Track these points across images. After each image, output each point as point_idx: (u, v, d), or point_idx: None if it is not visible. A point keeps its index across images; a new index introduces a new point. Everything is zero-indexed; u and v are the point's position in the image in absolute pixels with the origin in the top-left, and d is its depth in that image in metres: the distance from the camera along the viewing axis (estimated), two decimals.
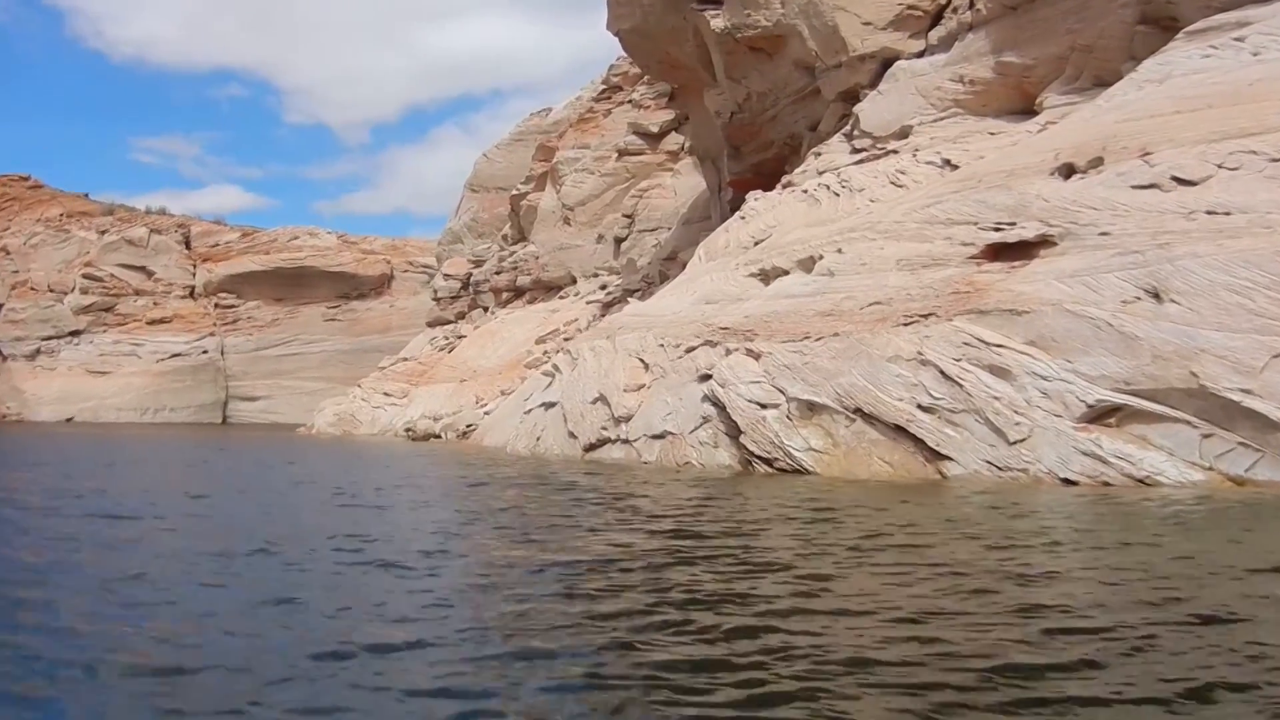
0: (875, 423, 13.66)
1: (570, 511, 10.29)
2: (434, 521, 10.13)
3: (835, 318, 15.29)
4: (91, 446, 28.54)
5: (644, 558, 7.17)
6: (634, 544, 7.85)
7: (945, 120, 20.56)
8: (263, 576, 6.58)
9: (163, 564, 7.02)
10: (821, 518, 9.36)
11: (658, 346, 18.25)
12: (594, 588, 6.01)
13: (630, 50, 32.12)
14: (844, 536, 8.11)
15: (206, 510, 11.63)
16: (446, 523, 10.06)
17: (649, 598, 5.68)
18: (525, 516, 10.07)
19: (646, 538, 8.23)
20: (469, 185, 59.72)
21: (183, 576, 6.55)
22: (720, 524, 9.02)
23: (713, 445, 15.30)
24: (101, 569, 6.76)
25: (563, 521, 9.50)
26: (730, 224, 22.08)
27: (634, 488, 12.81)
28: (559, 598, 5.81)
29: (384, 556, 7.24)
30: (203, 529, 9.56)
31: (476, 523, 9.98)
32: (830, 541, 7.88)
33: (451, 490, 14.69)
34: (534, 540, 8.23)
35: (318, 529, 9.14)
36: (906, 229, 16.16)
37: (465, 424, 31.28)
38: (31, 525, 9.59)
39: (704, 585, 6.06)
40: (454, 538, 8.80)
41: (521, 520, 9.81)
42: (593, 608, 5.46)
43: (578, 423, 18.76)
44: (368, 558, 7.22)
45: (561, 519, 9.72)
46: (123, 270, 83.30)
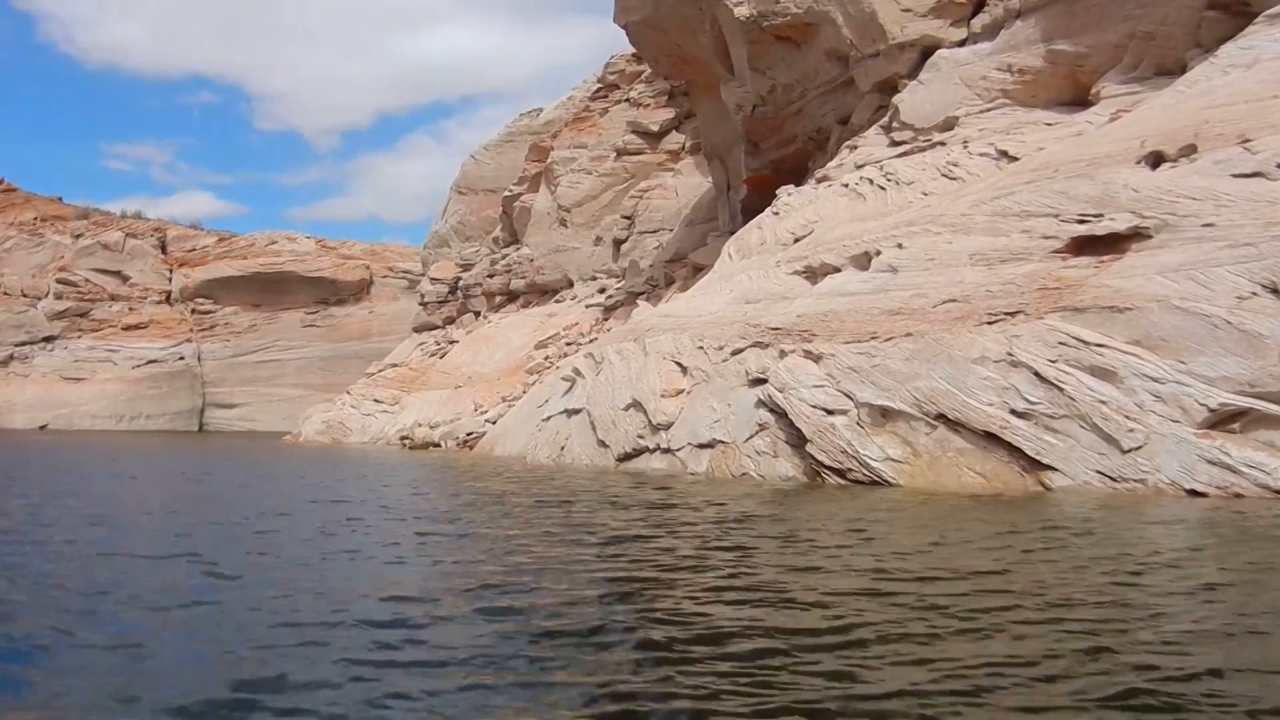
0: (961, 430, 12.49)
1: (742, 545, 7.92)
2: (587, 576, 6.63)
3: (905, 316, 14.12)
4: (67, 458, 27.03)
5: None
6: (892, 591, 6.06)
7: (993, 111, 19.45)
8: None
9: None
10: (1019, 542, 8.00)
11: (696, 349, 17.03)
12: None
13: (638, 43, 30.93)
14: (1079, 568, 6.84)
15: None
16: (603, 569, 7.00)
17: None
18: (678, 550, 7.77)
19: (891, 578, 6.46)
20: (455, 187, 58.27)
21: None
22: (926, 558, 7.29)
23: (772, 455, 14.08)
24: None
25: (775, 564, 7.16)
26: (763, 220, 20.88)
27: (748, 505, 11.22)
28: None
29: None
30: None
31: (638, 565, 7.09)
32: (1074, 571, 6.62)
33: (536, 517, 10.38)
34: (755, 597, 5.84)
35: (459, 574, 6.79)
36: (976, 222, 15.01)
37: (466, 432, 29.96)
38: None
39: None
40: (628, 596, 6.08)
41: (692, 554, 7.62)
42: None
43: (609, 431, 17.52)
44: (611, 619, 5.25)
45: (755, 560, 7.30)
46: (98, 275, 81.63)
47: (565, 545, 8.06)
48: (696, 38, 27.38)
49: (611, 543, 8.12)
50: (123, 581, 6.40)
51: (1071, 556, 7.21)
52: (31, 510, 11.85)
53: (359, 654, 4.48)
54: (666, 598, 5.76)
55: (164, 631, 5.10)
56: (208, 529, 9.73)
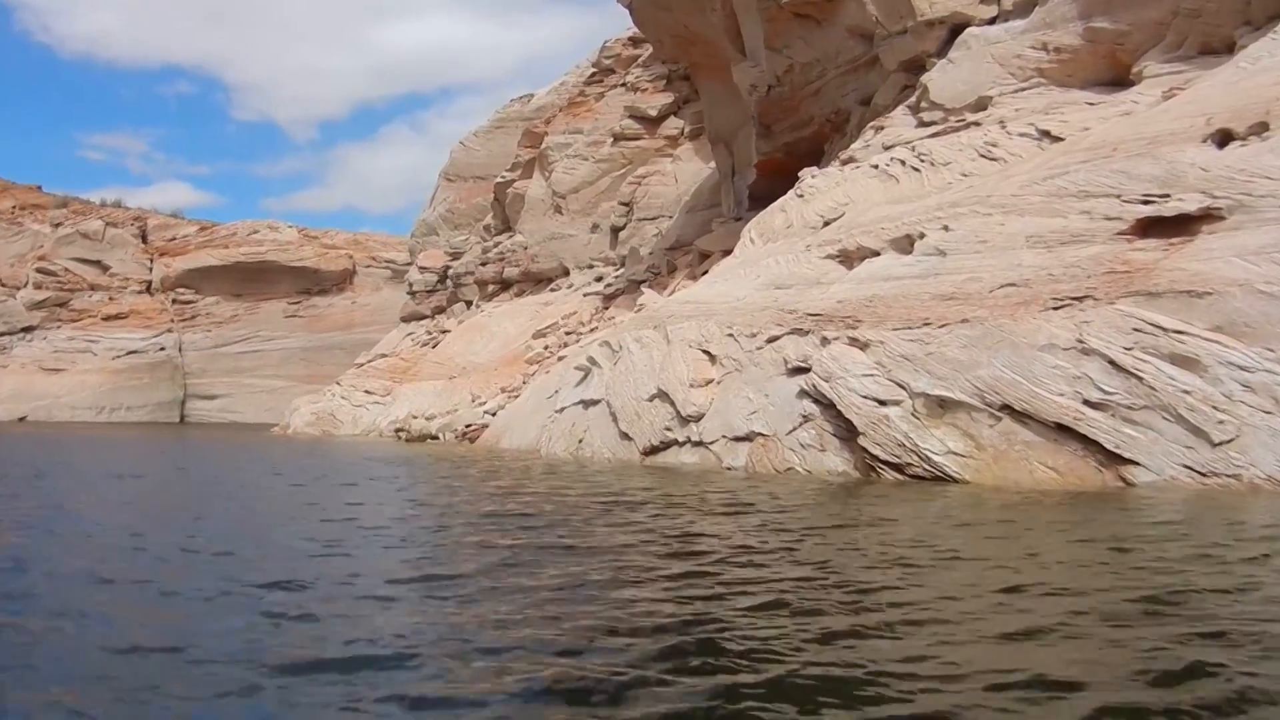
0: (1028, 421, 11.71)
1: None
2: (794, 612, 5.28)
3: (959, 301, 13.33)
4: (51, 454, 26.02)
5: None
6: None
7: (1028, 91, 18.67)
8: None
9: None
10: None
11: (725, 336, 16.22)
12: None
13: (642, 23, 30.08)
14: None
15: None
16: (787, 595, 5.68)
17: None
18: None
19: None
20: (444, 175, 57.20)
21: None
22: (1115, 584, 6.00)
23: (819, 448, 13.28)
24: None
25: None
26: (787, 204, 20.04)
27: (835, 507, 10.37)
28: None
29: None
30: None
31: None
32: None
33: (628, 524, 8.88)
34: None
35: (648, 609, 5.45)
36: (1029, 203, 14.22)
37: (465, 424, 29.03)
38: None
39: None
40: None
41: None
42: None
43: (632, 423, 16.68)
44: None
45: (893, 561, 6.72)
46: (77, 264, 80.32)
47: (687, 559, 6.99)
48: (705, 17, 26.53)
49: (740, 559, 6.91)
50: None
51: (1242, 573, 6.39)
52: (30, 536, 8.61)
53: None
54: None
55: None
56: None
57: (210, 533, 8.88)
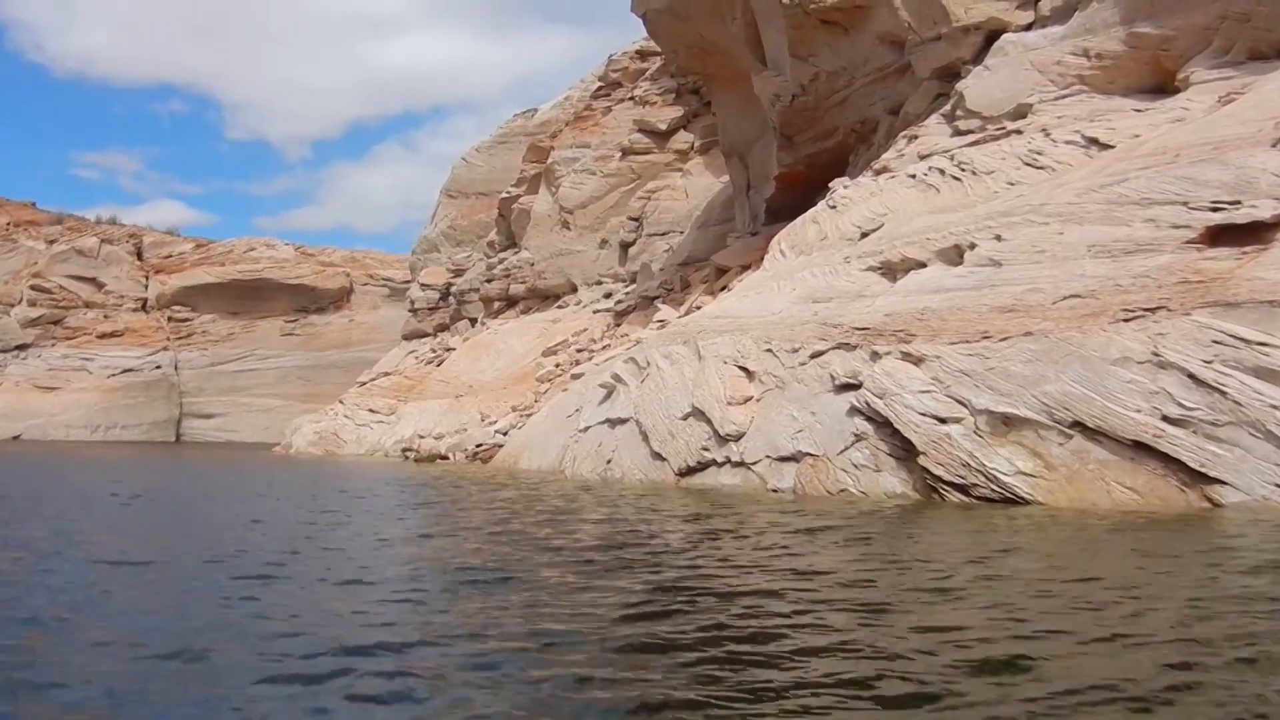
0: (1102, 439, 11.05)
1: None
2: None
3: (1020, 314, 12.70)
4: (52, 474, 25.24)
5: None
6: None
7: (1069, 98, 18.06)
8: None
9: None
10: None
11: (763, 352, 15.56)
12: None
13: (656, 33, 29.51)
14: None
15: None
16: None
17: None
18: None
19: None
20: (445, 191, 56.60)
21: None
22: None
23: (873, 468, 12.62)
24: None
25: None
26: (818, 215, 19.42)
27: (964, 534, 9.59)
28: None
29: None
30: None
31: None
32: None
33: (723, 555, 8.24)
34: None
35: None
36: (1088, 211, 13.61)
37: (475, 444, 28.33)
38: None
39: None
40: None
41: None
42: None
43: (665, 442, 16.00)
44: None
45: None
46: (72, 282, 79.46)
47: (819, 589, 6.27)
48: (724, 25, 25.96)
49: (921, 601, 6.09)
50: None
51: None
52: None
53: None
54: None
55: None
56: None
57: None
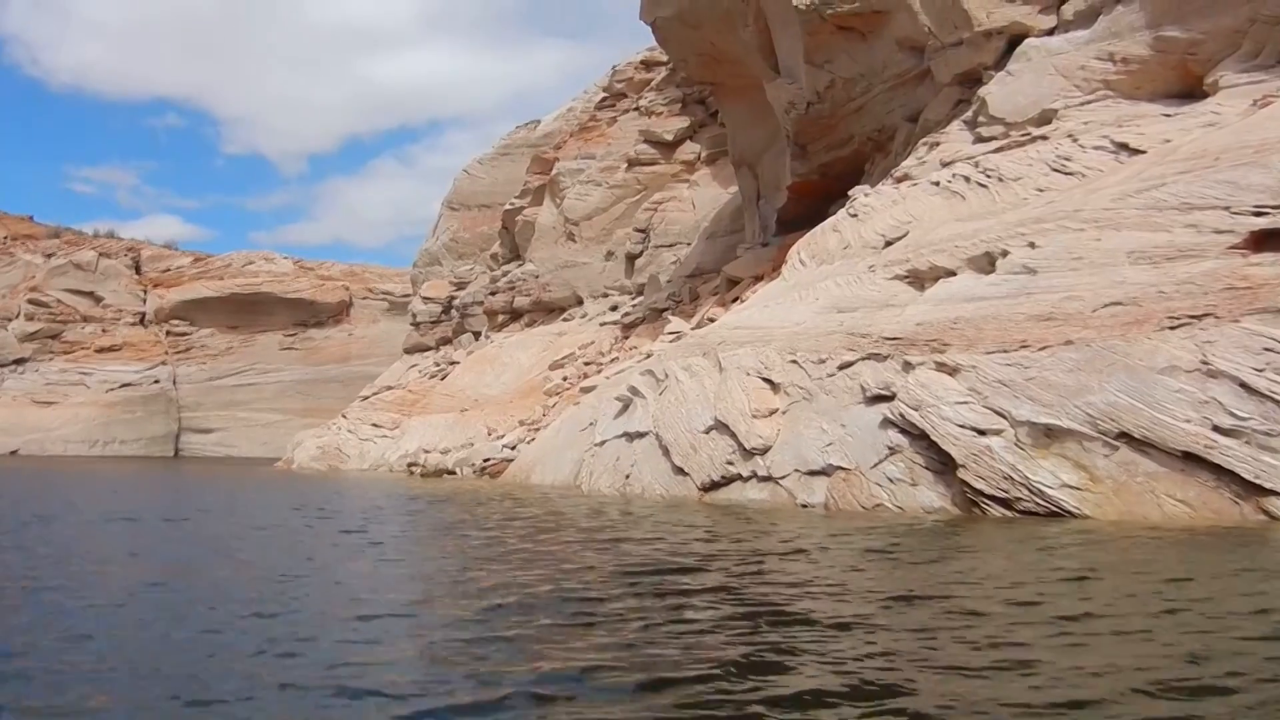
0: (1150, 450, 10.65)
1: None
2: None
3: (1059, 322, 12.30)
4: (63, 490, 24.72)
5: None
6: None
7: (1095, 103, 17.71)
8: None
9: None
10: None
11: (788, 363, 15.16)
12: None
13: (666, 41, 29.14)
14: None
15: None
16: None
17: None
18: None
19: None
20: (447, 203, 56.16)
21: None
22: None
23: (909, 482, 12.20)
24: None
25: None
26: (839, 224, 19.03)
27: (1033, 549, 9.01)
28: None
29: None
30: None
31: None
32: None
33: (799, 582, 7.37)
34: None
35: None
36: (1125, 216, 13.23)
37: (483, 458, 27.87)
38: None
39: None
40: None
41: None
42: None
43: (687, 457, 15.57)
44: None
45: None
46: (70, 296, 79.00)
47: (935, 620, 5.77)
48: (735, 33, 25.60)
49: (1064, 631, 5.47)
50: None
51: None
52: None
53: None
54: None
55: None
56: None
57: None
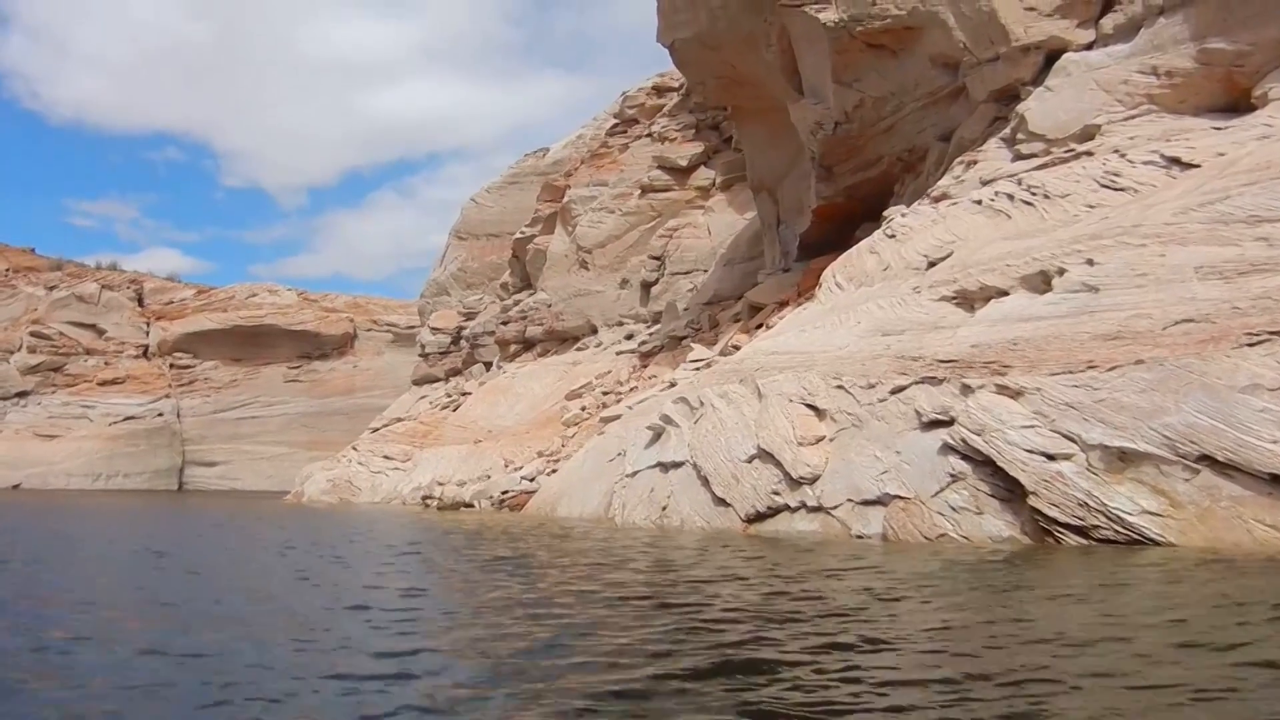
0: (1234, 474, 10.06)
1: None
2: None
3: (1128, 341, 11.74)
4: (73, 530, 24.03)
5: None
6: None
7: (1138, 118, 17.22)
8: None
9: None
10: None
11: (834, 389, 14.58)
12: None
13: (684, 64, 28.68)
14: None
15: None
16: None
17: None
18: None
19: None
20: (455, 233, 55.73)
21: None
22: None
23: (974, 511, 11.61)
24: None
25: None
26: (875, 245, 18.49)
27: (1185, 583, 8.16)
28: None
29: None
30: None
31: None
32: None
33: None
34: None
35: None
36: (1189, 231, 12.70)
37: (501, 490, 27.25)
38: None
39: None
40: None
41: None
42: None
43: (729, 487, 14.98)
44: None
45: None
46: (72, 328, 78.65)
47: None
48: (757, 54, 25.14)
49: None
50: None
51: None
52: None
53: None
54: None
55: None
56: None
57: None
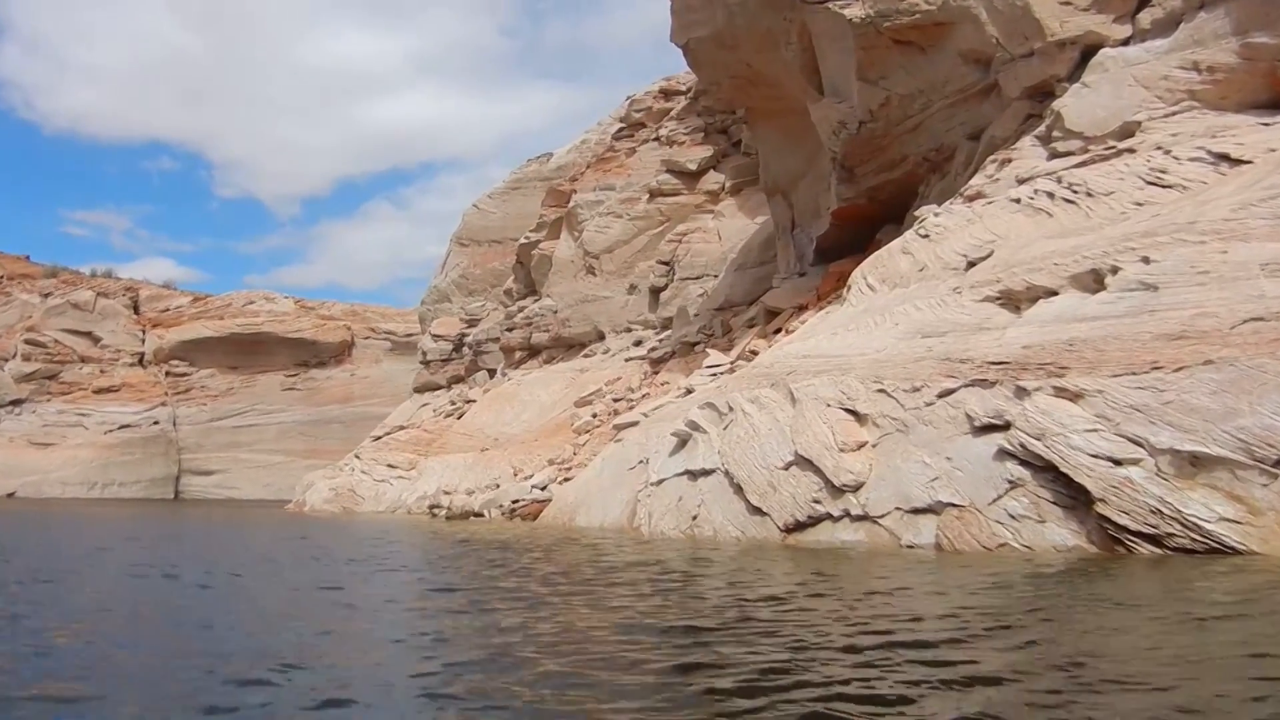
0: None
1: None
2: None
3: (1194, 341, 11.21)
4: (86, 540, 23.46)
5: None
6: None
7: (1180, 115, 16.71)
8: None
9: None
10: None
11: (875, 392, 14.04)
12: None
13: (699, 64, 28.13)
14: None
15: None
16: None
17: None
18: None
19: None
20: (456, 239, 55.15)
21: None
22: None
23: (1035, 519, 11.07)
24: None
25: None
26: (908, 245, 17.94)
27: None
28: None
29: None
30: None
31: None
32: None
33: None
34: None
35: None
36: (1251, 227, 12.19)
37: (511, 499, 26.64)
38: None
39: None
40: None
41: None
42: None
43: (765, 495, 14.41)
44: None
45: None
46: (67, 336, 77.85)
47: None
48: (776, 52, 24.60)
49: None
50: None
51: None
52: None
53: None
54: None
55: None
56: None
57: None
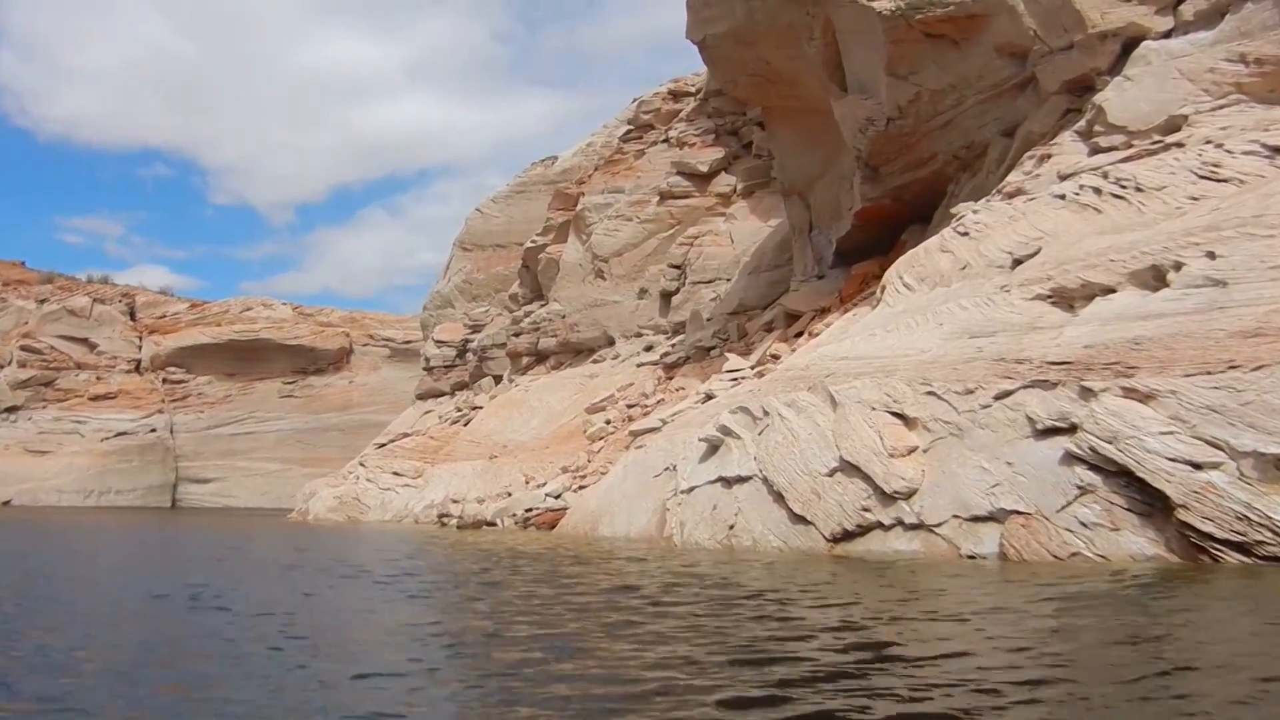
0: None
1: None
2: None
3: (1271, 338, 10.66)
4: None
5: None
6: None
7: (1227, 108, 16.17)
8: None
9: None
10: None
11: (924, 395, 13.47)
12: None
13: (715, 61, 27.55)
14: None
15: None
16: None
17: None
18: None
19: None
20: (459, 244, 54.48)
21: None
22: None
23: (1109, 526, 10.50)
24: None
25: None
26: (948, 243, 17.34)
27: None
28: None
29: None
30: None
31: None
32: None
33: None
34: None
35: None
36: None
37: (524, 508, 26.01)
38: None
39: None
40: None
41: None
42: None
43: (809, 503, 13.81)
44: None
45: None
46: (63, 342, 77.15)
47: None
48: (796, 48, 24.04)
49: None
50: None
51: None
52: None
53: None
54: None
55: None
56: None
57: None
